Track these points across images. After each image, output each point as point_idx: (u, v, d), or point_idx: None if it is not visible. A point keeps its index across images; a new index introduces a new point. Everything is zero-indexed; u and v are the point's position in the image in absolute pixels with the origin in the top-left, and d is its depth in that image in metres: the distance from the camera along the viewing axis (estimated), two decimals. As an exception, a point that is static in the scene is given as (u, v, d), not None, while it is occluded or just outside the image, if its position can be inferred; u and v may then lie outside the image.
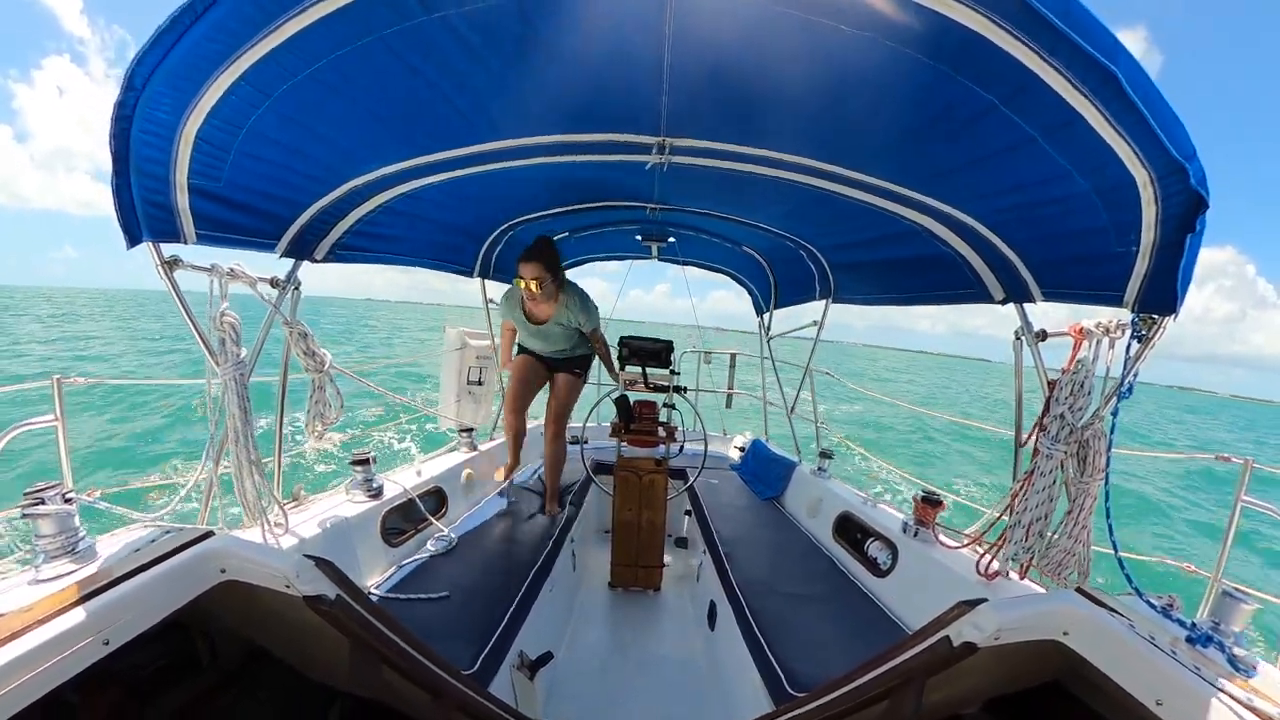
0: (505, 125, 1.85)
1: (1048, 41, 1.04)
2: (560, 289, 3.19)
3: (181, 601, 1.23)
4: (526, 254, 2.99)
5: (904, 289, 2.86)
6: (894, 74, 1.30)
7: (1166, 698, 1.03)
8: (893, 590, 2.55)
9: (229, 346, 1.78)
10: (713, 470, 4.39)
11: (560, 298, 3.20)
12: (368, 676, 1.39)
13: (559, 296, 3.20)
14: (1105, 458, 1.60)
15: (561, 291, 3.20)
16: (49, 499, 1.20)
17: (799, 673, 1.93)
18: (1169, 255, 1.34)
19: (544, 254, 3.02)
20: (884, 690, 1.35)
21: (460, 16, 1.24)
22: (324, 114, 1.57)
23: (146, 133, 1.36)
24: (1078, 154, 1.30)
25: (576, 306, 3.22)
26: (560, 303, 3.20)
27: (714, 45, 1.36)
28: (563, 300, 3.20)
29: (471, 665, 1.87)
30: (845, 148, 1.81)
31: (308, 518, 2.26)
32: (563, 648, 3.03)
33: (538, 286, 2.99)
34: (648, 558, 3.62)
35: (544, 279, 3.00)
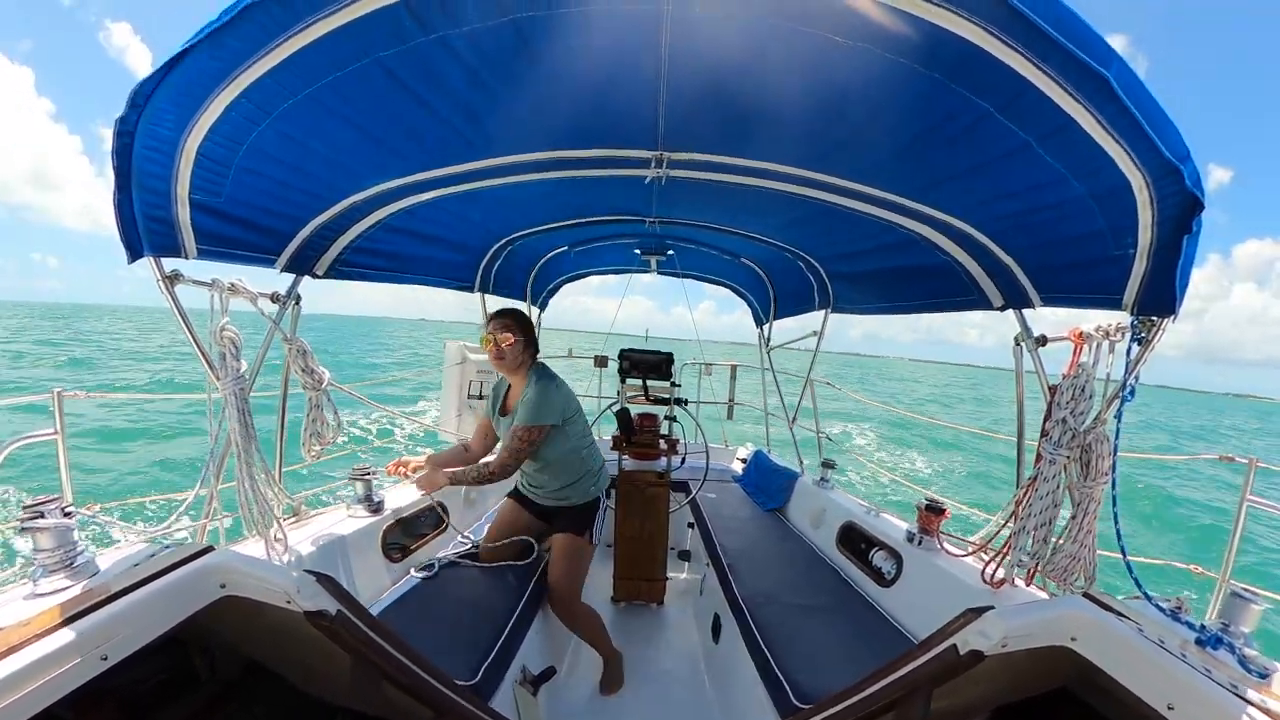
0: (503, 142, 1.86)
1: (1040, 49, 1.05)
2: (530, 365, 2.58)
3: (181, 617, 1.22)
4: (497, 311, 2.57)
5: (903, 298, 2.87)
6: (889, 85, 1.31)
7: (1178, 702, 1.01)
8: (898, 600, 2.53)
9: (229, 361, 1.78)
10: (715, 482, 4.37)
11: (528, 378, 2.54)
12: (369, 692, 1.37)
13: (526, 376, 2.55)
14: (1109, 461, 1.59)
15: (530, 372, 2.56)
16: (48, 513, 1.20)
17: (804, 684, 1.91)
18: (1166, 257, 1.34)
19: (518, 315, 2.56)
20: (891, 700, 1.33)
21: (458, 37, 1.26)
22: (323, 131, 1.59)
23: (148, 148, 1.37)
24: (1073, 159, 1.31)
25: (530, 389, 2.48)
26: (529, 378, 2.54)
27: (710, 59, 1.37)
28: (526, 385, 2.53)
29: (473, 680, 1.85)
30: (842, 159, 1.82)
31: (308, 533, 2.25)
32: (565, 663, 2.99)
33: (508, 342, 2.45)
34: (650, 571, 3.59)
35: (515, 336, 2.47)
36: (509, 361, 2.50)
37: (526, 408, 2.44)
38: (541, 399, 2.45)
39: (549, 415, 2.47)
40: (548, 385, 2.51)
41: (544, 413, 2.45)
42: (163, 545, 1.39)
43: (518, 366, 2.54)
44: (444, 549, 2.81)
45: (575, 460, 2.66)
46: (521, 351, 2.52)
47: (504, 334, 2.46)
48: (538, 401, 2.45)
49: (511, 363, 2.51)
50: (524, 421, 2.43)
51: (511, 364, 2.52)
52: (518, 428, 2.44)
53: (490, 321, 2.53)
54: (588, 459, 2.74)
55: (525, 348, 2.53)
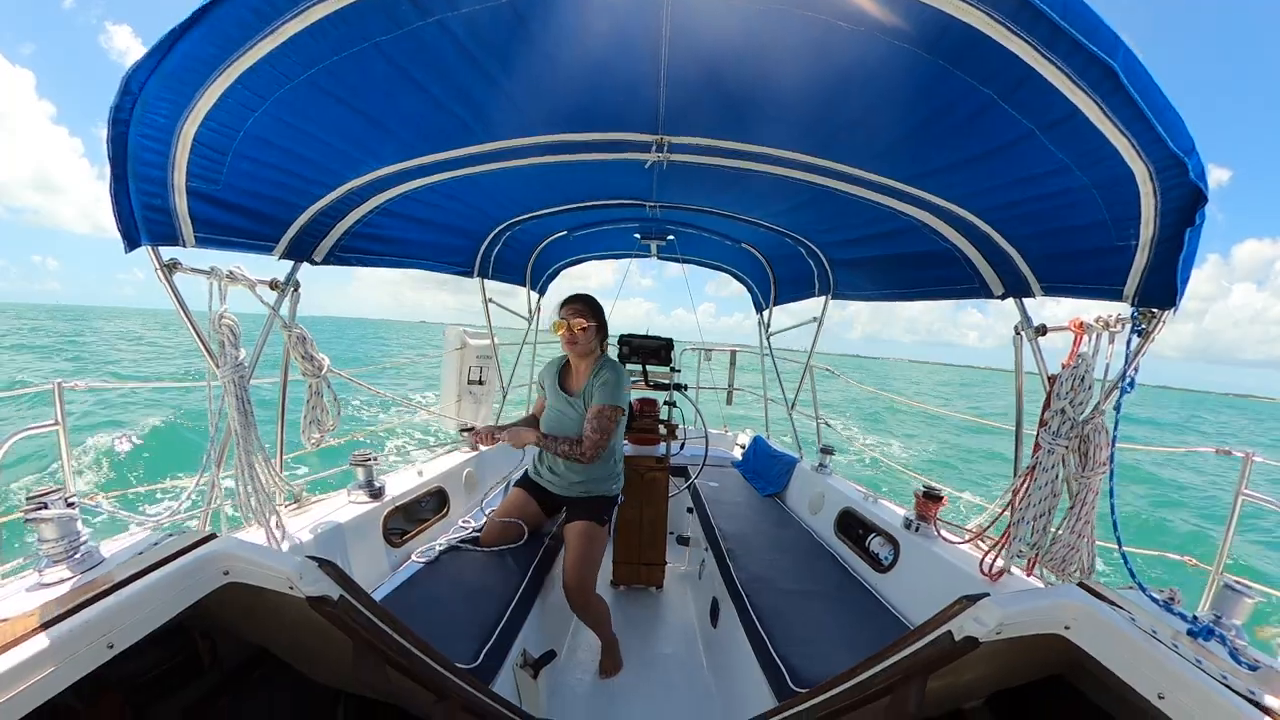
0: (502, 126, 1.84)
1: (1046, 36, 1.04)
2: (602, 350, 2.77)
3: (185, 604, 1.23)
4: (570, 297, 2.67)
5: (903, 284, 2.86)
6: (892, 70, 1.30)
7: (1168, 691, 1.03)
8: (895, 585, 2.55)
9: (228, 349, 1.78)
10: (714, 467, 4.39)
11: (598, 363, 2.70)
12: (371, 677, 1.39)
13: (596, 360, 2.71)
14: (1107, 452, 1.60)
15: (601, 357, 2.74)
16: (51, 503, 1.21)
17: (801, 668, 1.93)
18: (1168, 249, 1.34)
19: (590, 302, 2.68)
20: (886, 685, 1.35)
21: (455, 20, 1.24)
22: (320, 117, 1.57)
23: (144, 137, 1.36)
24: (1076, 148, 1.30)
25: (606, 372, 2.63)
26: (594, 369, 2.68)
27: (711, 43, 1.35)
28: (598, 366, 2.69)
29: (474, 664, 1.87)
30: (843, 144, 1.81)
31: (310, 519, 2.26)
32: (565, 646, 3.03)
33: (581, 327, 2.58)
34: (650, 555, 3.62)
35: (586, 321, 2.59)
36: (581, 346, 2.64)
37: (607, 388, 2.59)
38: (619, 381, 2.62)
39: (624, 395, 2.64)
40: (621, 372, 2.68)
41: (620, 394, 2.62)
42: (166, 533, 1.40)
43: (589, 352, 2.68)
44: (445, 534, 2.83)
45: (609, 453, 2.74)
46: (594, 336, 2.66)
47: (578, 319, 2.59)
48: (616, 383, 2.61)
49: (584, 347, 2.65)
50: (608, 401, 2.57)
51: (584, 348, 2.65)
52: (603, 406, 2.56)
53: (564, 307, 2.64)
54: (618, 453, 2.86)
55: (597, 332, 2.68)
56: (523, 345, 4.79)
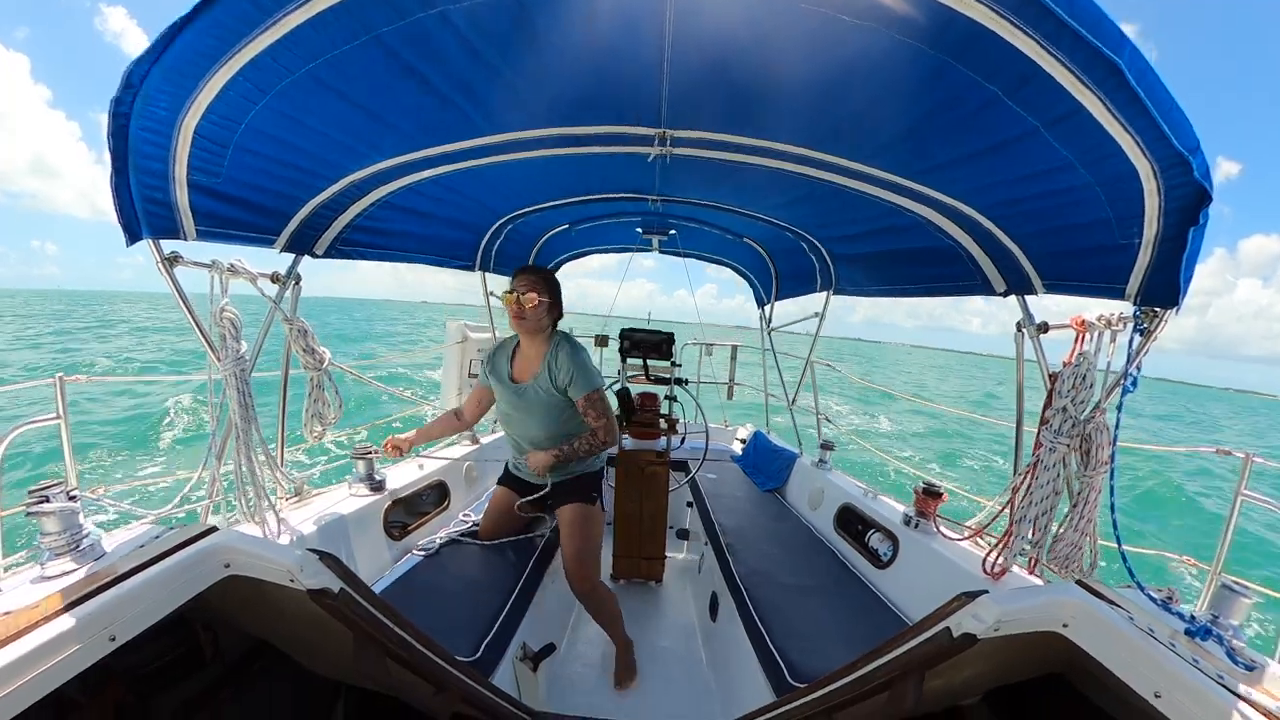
0: (504, 118, 1.84)
1: (1051, 32, 1.03)
2: (551, 332, 2.48)
3: (186, 596, 1.24)
4: (523, 267, 2.43)
5: (905, 280, 2.85)
6: (896, 65, 1.29)
7: (1164, 690, 1.03)
8: (894, 581, 2.56)
9: (229, 342, 1.78)
10: (714, 462, 4.40)
11: (549, 346, 2.44)
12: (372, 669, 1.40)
13: (547, 341, 2.45)
14: (1109, 451, 1.60)
15: (553, 338, 2.46)
16: (53, 497, 1.21)
17: (800, 663, 1.94)
18: (1171, 248, 1.33)
19: (544, 272, 2.44)
20: (885, 681, 1.36)
21: (458, 11, 1.23)
22: (322, 109, 1.57)
23: (145, 129, 1.36)
24: (1080, 146, 1.29)
25: (565, 359, 2.37)
26: (547, 353, 2.42)
27: (714, 36, 1.35)
28: (551, 349, 2.42)
29: (474, 656, 1.88)
30: (846, 139, 1.80)
31: (311, 512, 2.27)
32: (565, 639, 3.05)
33: (531, 304, 2.30)
34: (650, 549, 3.63)
35: (539, 296, 2.33)
36: (529, 322, 2.35)
37: (580, 376, 2.38)
38: (584, 364, 2.41)
39: (597, 377, 2.45)
40: (579, 351, 2.43)
41: (594, 375, 2.43)
42: (167, 526, 1.41)
43: (537, 329, 2.41)
44: (445, 527, 2.84)
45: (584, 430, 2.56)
46: (545, 314, 2.39)
47: (529, 293, 2.31)
48: (583, 368, 2.40)
49: (533, 324, 2.37)
50: (589, 388, 2.39)
51: (533, 325, 2.37)
52: (591, 395, 2.39)
53: (516, 277, 2.36)
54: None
55: (549, 310, 2.41)
56: None
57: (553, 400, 2.42)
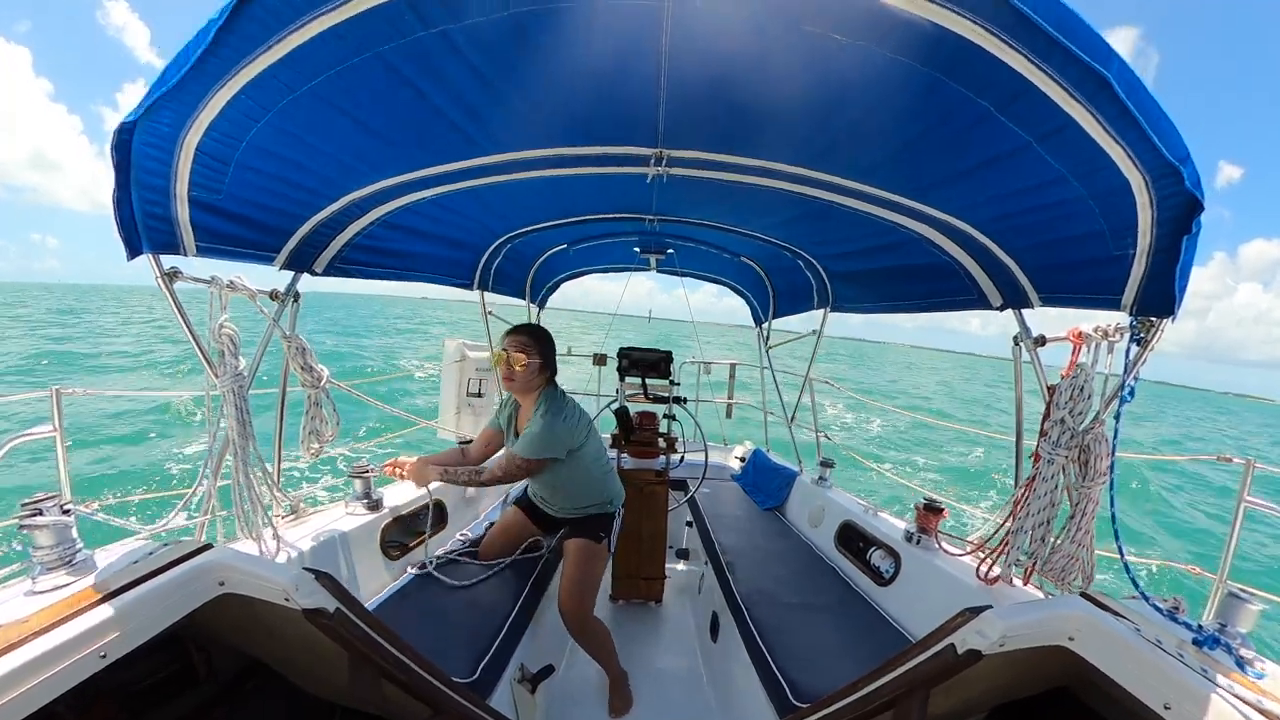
0: (503, 139, 1.86)
1: (1041, 48, 1.05)
2: (541, 389, 2.43)
3: (180, 614, 1.22)
4: (514, 327, 2.43)
5: (902, 297, 2.87)
6: (888, 83, 1.31)
7: (1174, 701, 1.01)
8: (896, 599, 2.53)
9: (228, 359, 1.78)
10: (713, 481, 4.37)
11: (538, 402, 2.40)
12: (367, 690, 1.37)
13: (537, 400, 2.41)
14: (1107, 462, 1.60)
15: (540, 396, 2.41)
16: (47, 510, 1.20)
17: (803, 683, 1.91)
18: (1165, 258, 1.34)
19: (535, 331, 2.43)
20: (889, 700, 1.33)
21: (459, 32, 1.25)
22: (323, 128, 1.59)
23: (148, 145, 1.37)
24: (1072, 159, 1.31)
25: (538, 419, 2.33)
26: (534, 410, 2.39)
27: (710, 57, 1.37)
28: (536, 409, 2.38)
29: (471, 677, 1.85)
30: (841, 157, 1.82)
31: (307, 530, 2.25)
32: (563, 661, 3.00)
33: (520, 364, 2.30)
34: (649, 569, 3.59)
35: (530, 356, 2.32)
36: (519, 384, 2.36)
37: (528, 440, 2.31)
38: (546, 434, 2.31)
39: (549, 450, 2.34)
40: (554, 420, 2.33)
41: (545, 448, 2.32)
42: (161, 543, 1.39)
43: (529, 390, 2.40)
44: (442, 547, 2.81)
45: (590, 482, 2.58)
46: (535, 374, 2.38)
47: (518, 354, 2.32)
48: (540, 437, 2.30)
49: (522, 385, 2.37)
50: (521, 453, 2.30)
51: (522, 386, 2.38)
52: (514, 455, 2.32)
53: (506, 337, 2.38)
54: (603, 479, 2.64)
55: (540, 370, 2.39)
56: None
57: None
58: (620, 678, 2.74)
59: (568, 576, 2.48)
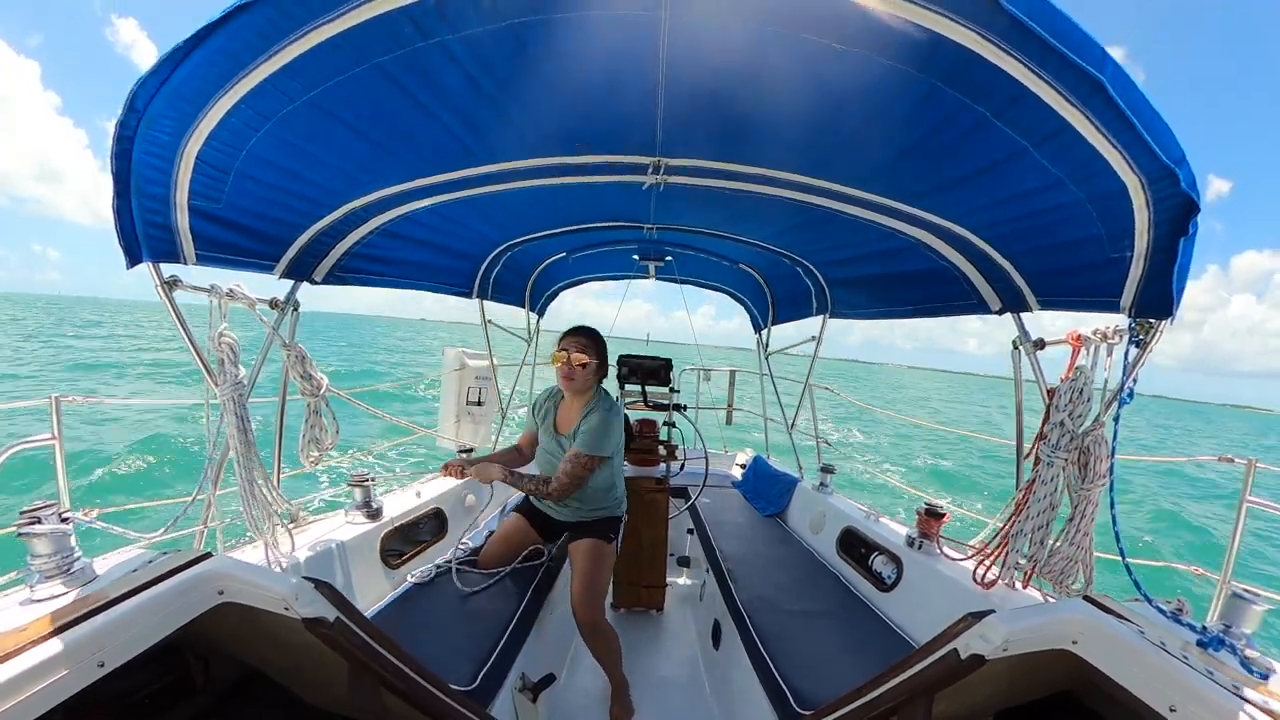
0: (502, 148, 1.87)
1: (1036, 54, 1.06)
2: (595, 391, 2.58)
3: (178, 623, 1.21)
4: (574, 329, 2.52)
5: (901, 302, 2.88)
6: (886, 90, 1.32)
7: (1180, 704, 1.01)
8: (898, 604, 2.52)
9: (227, 367, 1.78)
10: (714, 488, 4.36)
11: (591, 401, 2.54)
12: (367, 700, 1.36)
13: (590, 399, 2.55)
14: (1107, 464, 1.60)
15: (594, 397, 2.56)
16: (45, 518, 1.19)
17: (805, 690, 1.90)
18: (1163, 260, 1.35)
19: (595, 336, 2.52)
20: (892, 706, 1.33)
21: (457, 42, 1.26)
22: (322, 137, 1.60)
23: (148, 154, 1.38)
24: (1069, 163, 1.32)
25: (595, 419, 2.45)
26: (587, 409, 2.52)
27: (708, 66, 1.38)
28: (590, 406, 2.52)
29: (471, 686, 1.83)
30: (839, 164, 1.83)
31: (307, 539, 2.24)
32: (565, 669, 2.98)
33: (582, 362, 2.42)
34: (650, 577, 3.58)
35: (590, 359, 2.44)
36: (578, 383, 2.47)
37: (591, 436, 2.42)
38: (605, 430, 2.44)
39: (609, 446, 2.48)
40: (612, 417, 2.49)
41: (605, 444, 2.46)
42: (160, 551, 1.39)
43: (584, 389, 2.52)
44: (442, 555, 2.80)
45: (609, 487, 2.66)
46: (593, 375, 2.50)
47: (579, 354, 2.43)
48: (602, 432, 2.43)
49: (581, 384, 2.49)
50: (587, 450, 2.42)
51: (581, 385, 2.49)
52: (580, 454, 2.42)
53: (565, 338, 2.48)
54: (618, 484, 2.74)
55: (597, 371, 2.52)
56: (521, 367, 4.79)
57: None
58: (623, 685, 2.72)
59: (580, 573, 2.50)
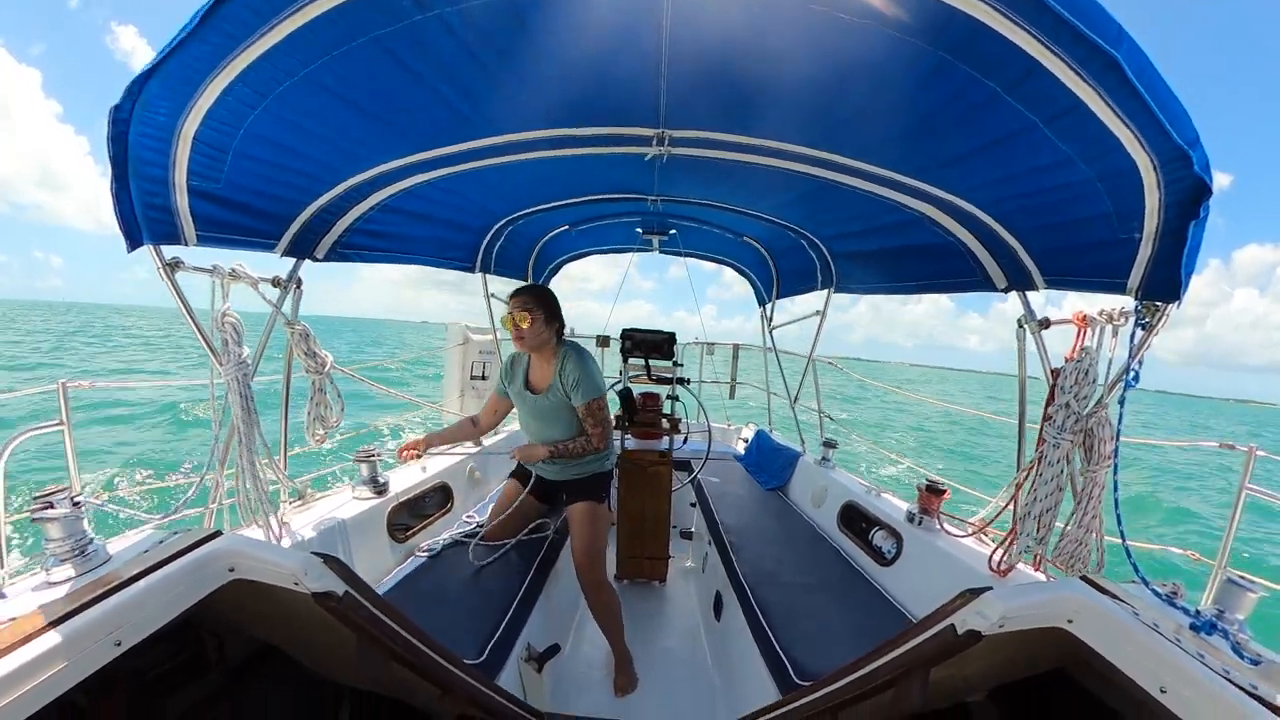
0: (503, 120, 1.84)
1: (1050, 28, 1.03)
2: (558, 343, 2.57)
3: (191, 601, 1.24)
4: (516, 289, 2.54)
5: (906, 277, 2.85)
6: (895, 62, 1.29)
7: (1170, 684, 1.03)
8: (898, 579, 2.56)
9: (231, 347, 1.79)
10: (717, 461, 4.40)
11: (558, 354, 2.55)
12: (376, 672, 1.40)
13: (555, 352, 2.56)
14: (1111, 446, 1.60)
15: (560, 348, 2.56)
16: (58, 503, 1.21)
17: (804, 662, 1.94)
18: (1172, 242, 1.33)
19: (537, 291, 2.53)
20: (890, 678, 1.35)
21: (455, 14, 1.24)
22: (321, 113, 1.57)
23: (145, 136, 1.36)
24: (1080, 141, 1.29)
25: (572, 367, 2.49)
26: (556, 363, 2.54)
27: (712, 35, 1.34)
28: (559, 358, 2.54)
29: (479, 658, 1.88)
30: (846, 137, 1.80)
31: (315, 515, 2.27)
32: (569, 640, 3.05)
33: (527, 321, 2.41)
34: (653, 549, 3.63)
35: (535, 314, 2.43)
36: (530, 341, 2.49)
37: (585, 383, 2.49)
38: (589, 373, 2.51)
39: (602, 385, 2.57)
40: (586, 360, 2.55)
41: (597, 384, 2.54)
42: (171, 531, 1.41)
43: (541, 344, 2.53)
44: (449, 529, 2.84)
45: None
46: (544, 328, 2.49)
47: (522, 313, 2.43)
48: (587, 376, 2.50)
49: (533, 341, 2.49)
50: (593, 394, 2.51)
51: (533, 342, 2.50)
52: (591, 403, 2.51)
53: (509, 300, 2.51)
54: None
55: (547, 324, 2.50)
56: None
57: (568, 406, 2.56)
58: (625, 657, 2.78)
59: (579, 538, 2.60)
